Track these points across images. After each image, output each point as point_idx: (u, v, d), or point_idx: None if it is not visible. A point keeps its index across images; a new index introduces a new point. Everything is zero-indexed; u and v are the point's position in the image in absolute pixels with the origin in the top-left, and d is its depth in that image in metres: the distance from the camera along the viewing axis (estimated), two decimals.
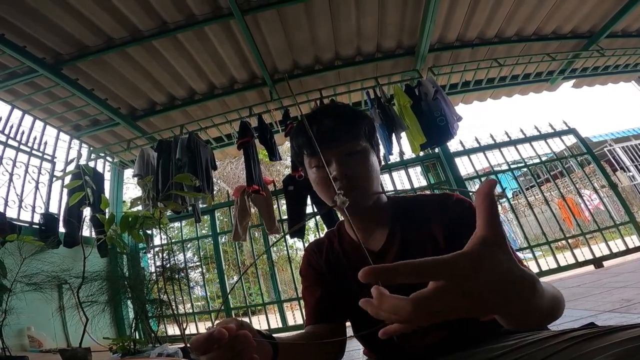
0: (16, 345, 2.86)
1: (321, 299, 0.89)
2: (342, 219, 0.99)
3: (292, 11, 3.45)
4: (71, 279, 2.91)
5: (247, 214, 4.23)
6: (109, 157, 4.79)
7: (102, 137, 4.66)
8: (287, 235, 4.28)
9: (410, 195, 0.97)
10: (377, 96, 4.05)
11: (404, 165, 4.72)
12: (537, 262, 4.25)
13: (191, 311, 4.52)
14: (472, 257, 0.37)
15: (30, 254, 2.68)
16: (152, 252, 4.23)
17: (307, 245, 1.02)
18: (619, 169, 9.03)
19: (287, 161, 13.45)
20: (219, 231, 4.84)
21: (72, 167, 3.86)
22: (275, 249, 8.63)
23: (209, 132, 4.67)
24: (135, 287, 3.08)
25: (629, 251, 4.12)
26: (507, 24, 4.21)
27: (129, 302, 3.75)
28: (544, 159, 4.84)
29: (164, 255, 3.34)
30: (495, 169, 4.75)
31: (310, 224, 4.57)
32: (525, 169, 5.03)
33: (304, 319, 0.94)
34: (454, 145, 4.62)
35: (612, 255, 4.13)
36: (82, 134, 4.42)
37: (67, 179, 3.37)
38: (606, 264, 4.07)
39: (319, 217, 4.42)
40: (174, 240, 5.03)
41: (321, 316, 0.88)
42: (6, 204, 3.46)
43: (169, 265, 3.26)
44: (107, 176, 4.80)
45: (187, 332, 3.97)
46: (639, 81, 5.90)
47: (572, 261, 4.14)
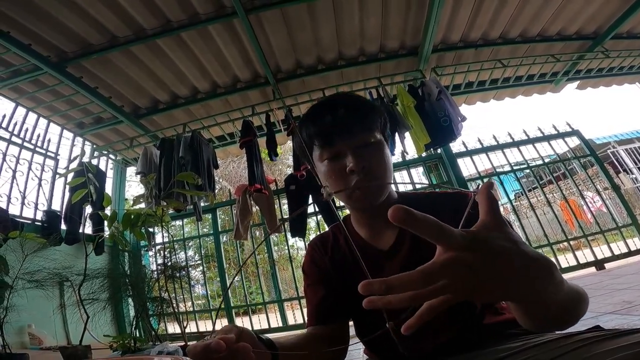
0: (17, 342, 2.87)
1: (324, 298, 0.85)
2: (347, 215, 0.94)
3: (296, 11, 3.45)
4: (72, 277, 2.92)
5: (249, 212, 4.24)
6: (111, 155, 4.80)
7: (105, 135, 4.67)
8: (289, 234, 4.27)
9: (422, 192, 0.93)
10: (380, 96, 4.05)
11: (406, 165, 4.71)
12: None
13: (192, 309, 4.53)
14: (477, 235, 0.39)
15: (32, 251, 2.69)
16: (153, 250, 4.24)
17: (311, 240, 0.97)
18: (622, 171, 9.00)
19: (289, 160, 13.51)
20: (220, 230, 4.85)
21: (75, 164, 3.87)
22: (276, 247, 8.64)
23: (211, 131, 4.67)
24: (136, 285, 3.08)
25: (631, 253, 4.10)
26: (512, 25, 4.20)
27: (130, 299, 3.76)
28: (547, 160, 4.82)
29: (166, 253, 3.34)
30: (497, 170, 4.73)
31: (311, 223, 4.55)
32: (527, 171, 5.02)
33: (305, 318, 0.92)
34: (456, 145, 4.61)
35: (614, 257, 4.11)
36: (85, 132, 4.43)
37: (70, 177, 3.37)
38: (608, 266, 4.05)
39: (320, 216, 4.42)
40: (175, 238, 5.04)
41: (323, 317, 0.85)
42: (9, 201, 3.47)
43: (170, 263, 3.26)
44: (110, 174, 4.82)
45: (188, 330, 3.97)
46: None
47: (573, 263, 4.12)
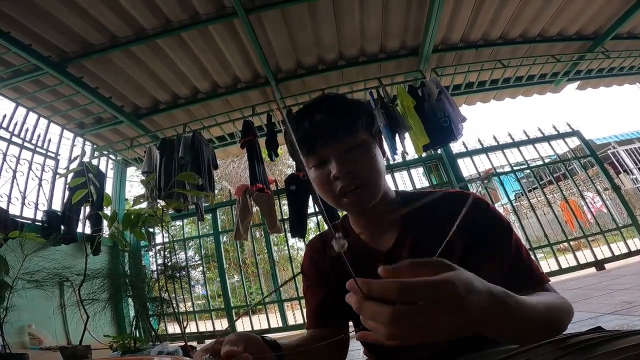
0: (17, 342, 2.87)
1: (323, 300, 0.84)
2: (346, 215, 0.92)
3: (296, 11, 3.45)
4: (72, 277, 2.92)
5: (249, 213, 4.23)
6: (112, 155, 4.80)
7: (106, 135, 4.67)
8: (289, 234, 4.26)
9: (421, 191, 0.92)
10: (381, 96, 4.05)
11: (406, 166, 4.71)
12: (539, 264, 4.23)
13: (192, 310, 4.53)
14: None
15: (32, 251, 2.69)
16: (153, 250, 4.23)
17: (310, 240, 0.96)
18: (622, 171, 9.00)
19: (289, 161, 13.51)
20: (220, 230, 4.84)
21: (75, 164, 3.87)
22: (276, 248, 8.64)
23: (211, 131, 4.67)
24: (136, 285, 3.09)
25: (631, 254, 4.09)
26: (512, 25, 4.20)
27: (130, 300, 3.76)
28: (547, 160, 4.82)
29: (166, 253, 3.34)
30: (498, 170, 4.73)
31: (311, 224, 4.55)
32: (528, 171, 5.01)
33: (305, 319, 0.91)
34: (456, 146, 4.61)
35: (614, 257, 4.11)
36: (85, 132, 4.43)
37: (70, 177, 3.37)
38: (608, 266, 4.04)
39: (320, 217, 4.42)
40: (175, 238, 5.04)
41: (323, 319, 0.84)
42: (9, 201, 3.48)
43: (170, 263, 3.26)
44: (110, 174, 4.82)
45: (188, 330, 3.97)
46: None
47: (573, 263, 4.11)
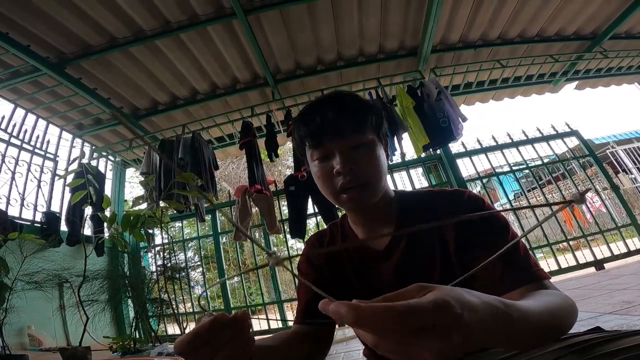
0: (16, 343, 2.86)
1: (314, 298, 0.83)
2: (344, 214, 0.93)
3: (295, 11, 3.45)
4: (72, 278, 2.92)
5: (248, 213, 4.23)
6: (111, 156, 4.80)
7: (105, 136, 4.67)
8: (288, 235, 4.27)
9: (418, 190, 0.93)
10: (379, 97, 4.05)
11: (406, 166, 4.72)
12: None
13: (191, 311, 4.52)
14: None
15: (31, 252, 2.69)
16: (153, 251, 4.23)
17: (308, 238, 0.96)
18: (621, 171, 9.01)
19: (289, 161, 13.52)
20: (220, 231, 4.84)
21: (74, 165, 3.87)
22: (276, 248, 8.63)
23: (210, 132, 4.67)
24: (136, 286, 3.09)
25: (630, 253, 4.10)
26: (510, 25, 4.20)
27: (130, 301, 3.76)
28: (546, 160, 4.83)
29: (165, 254, 3.34)
30: (497, 170, 4.74)
31: (310, 224, 4.55)
32: (527, 171, 5.02)
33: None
34: (455, 146, 4.62)
35: (614, 257, 4.12)
36: (84, 133, 4.43)
37: (70, 178, 3.37)
38: (607, 266, 4.05)
39: (319, 217, 4.42)
40: (175, 239, 5.04)
41: (311, 316, 0.83)
42: (8, 202, 3.47)
43: (169, 264, 3.26)
44: (109, 175, 4.81)
45: (187, 331, 3.97)
46: None
47: (573, 263, 4.12)
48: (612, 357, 0.42)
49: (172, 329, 4.53)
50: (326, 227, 0.98)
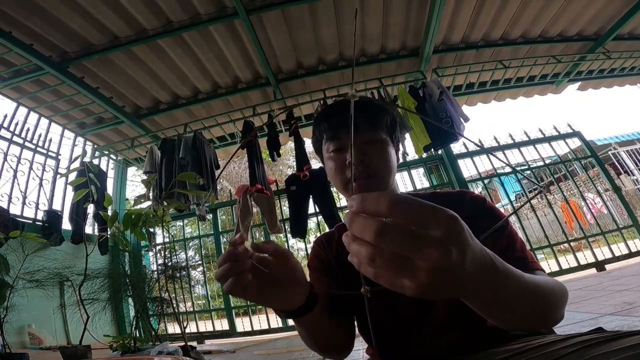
0: (17, 342, 2.87)
1: (328, 288, 0.84)
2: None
3: (297, 11, 3.46)
4: (73, 276, 2.92)
5: (249, 213, 4.23)
6: (112, 155, 4.81)
7: (107, 135, 4.68)
8: (289, 234, 4.26)
9: (423, 191, 0.94)
10: (381, 97, 4.05)
11: (407, 166, 4.71)
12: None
13: (192, 310, 4.53)
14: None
15: (32, 251, 2.69)
16: (154, 250, 4.24)
17: (316, 238, 0.98)
18: (623, 172, 8.99)
19: (290, 161, 13.52)
20: (220, 230, 4.85)
21: (76, 164, 3.88)
22: None
23: (212, 132, 4.68)
24: (136, 285, 3.09)
25: (631, 255, 4.09)
26: (513, 26, 4.20)
27: (130, 300, 3.76)
28: (548, 161, 4.82)
29: (166, 253, 3.34)
30: (498, 171, 4.73)
31: (311, 224, 4.55)
32: (528, 172, 5.01)
33: None
34: (457, 146, 4.61)
35: (615, 258, 4.11)
36: (86, 132, 4.44)
37: (72, 177, 3.38)
38: (608, 267, 4.04)
39: (320, 217, 4.41)
40: (176, 238, 5.04)
41: (329, 306, 0.81)
42: (10, 201, 3.48)
43: (170, 263, 3.26)
44: (111, 174, 4.82)
45: (188, 330, 3.97)
46: None
47: (574, 264, 4.11)
48: (613, 356, 0.42)
49: (173, 328, 4.54)
50: (333, 228, 1.00)
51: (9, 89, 3.53)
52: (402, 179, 4.77)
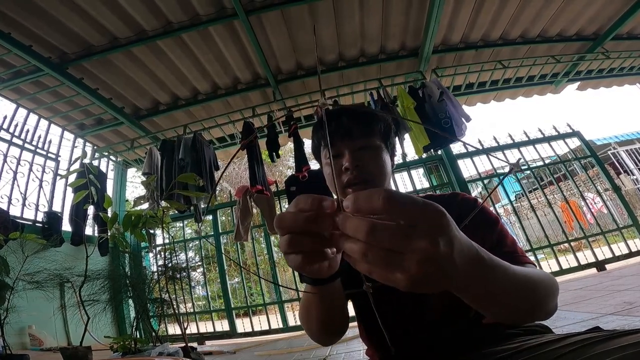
0: (17, 343, 2.87)
1: None
2: None
3: (296, 12, 3.46)
4: (73, 278, 2.92)
5: (249, 214, 4.24)
6: (112, 157, 4.81)
7: (106, 137, 4.68)
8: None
9: (421, 195, 0.95)
10: (381, 97, 4.05)
11: (407, 167, 4.71)
12: (540, 264, 4.24)
13: (192, 311, 4.53)
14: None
15: (32, 252, 2.69)
16: (154, 251, 4.24)
17: None
18: (622, 172, 8.99)
19: (290, 162, 13.51)
20: (220, 231, 4.85)
21: (76, 166, 3.88)
22: (276, 249, 8.63)
23: (212, 132, 4.68)
24: (136, 286, 3.08)
25: (631, 254, 4.09)
26: (512, 26, 4.20)
27: (131, 301, 3.76)
28: (548, 161, 4.82)
29: (166, 254, 3.34)
30: (498, 171, 4.73)
31: None
32: (528, 172, 5.00)
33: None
34: (456, 147, 4.61)
35: (615, 258, 4.11)
36: (86, 133, 4.44)
37: (71, 178, 3.38)
38: (609, 267, 4.04)
39: None
40: (176, 239, 5.04)
41: None
42: (10, 202, 3.48)
43: (170, 264, 3.26)
44: (110, 175, 4.83)
45: (188, 331, 3.97)
46: None
47: (574, 264, 4.11)
48: (610, 355, 0.42)
49: (173, 329, 4.54)
50: None
51: (9, 90, 3.53)
52: (402, 179, 4.78)
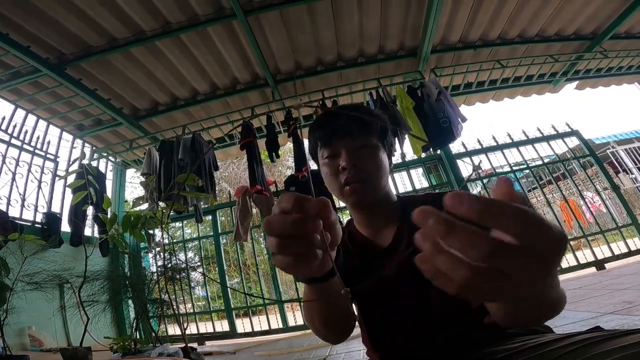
0: (17, 344, 2.87)
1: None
2: (350, 217, 0.98)
3: (295, 12, 3.46)
4: (72, 278, 2.92)
5: (249, 214, 4.23)
6: (111, 157, 4.81)
7: (105, 137, 4.67)
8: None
9: (420, 194, 0.96)
10: (380, 97, 4.05)
11: (406, 166, 4.72)
12: None
13: (192, 311, 4.52)
14: None
15: (32, 253, 2.69)
16: (153, 251, 4.24)
17: None
18: (621, 171, 9.00)
19: (289, 162, 13.50)
20: (220, 231, 4.84)
21: (75, 166, 3.87)
22: None
23: (211, 133, 4.67)
24: (136, 286, 3.08)
25: (631, 253, 4.10)
26: (510, 25, 4.21)
27: (130, 301, 3.76)
28: (547, 160, 4.82)
29: (166, 255, 3.34)
30: (497, 170, 4.74)
31: None
32: (527, 171, 5.01)
33: (305, 320, 0.90)
34: (455, 146, 4.62)
35: (614, 257, 4.12)
36: (85, 134, 4.43)
37: (70, 179, 3.37)
38: (608, 266, 4.05)
39: None
40: (175, 240, 5.04)
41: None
42: (9, 203, 3.48)
43: (170, 265, 3.26)
44: (109, 176, 4.82)
45: (188, 332, 3.97)
46: None
47: (573, 263, 4.12)
48: (611, 355, 0.42)
49: (173, 330, 4.54)
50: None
51: (7, 91, 3.52)
52: (402, 179, 4.78)
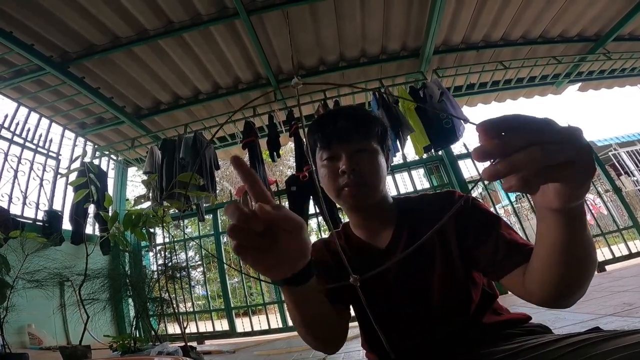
0: (16, 342, 2.87)
1: (327, 280, 0.82)
2: (347, 220, 0.99)
3: (298, 12, 3.46)
4: (73, 277, 2.92)
5: None
6: (113, 156, 4.82)
7: (107, 136, 4.68)
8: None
9: (415, 195, 0.96)
10: (383, 97, 4.04)
11: (407, 167, 4.71)
12: None
13: (192, 310, 4.53)
14: None
15: (32, 251, 2.70)
16: (154, 250, 4.24)
17: (313, 242, 0.98)
18: (623, 173, 8.98)
19: (290, 162, 13.50)
20: (221, 230, 4.85)
21: (76, 164, 3.88)
22: None
23: (212, 132, 4.67)
24: (136, 285, 3.09)
25: (631, 255, 4.09)
26: (513, 27, 4.20)
27: (130, 300, 3.76)
28: None
29: (166, 253, 3.34)
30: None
31: (312, 225, 4.55)
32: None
33: None
34: (457, 147, 4.60)
35: (615, 259, 4.10)
36: (87, 132, 4.44)
37: (72, 177, 3.38)
38: (609, 268, 4.03)
39: (320, 218, 4.41)
40: (176, 239, 5.04)
41: (328, 294, 0.81)
42: (10, 201, 3.49)
43: (170, 264, 3.26)
44: (111, 174, 4.83)
45: (188, 331, 3.97)
46: None
47: None
48: (610, 355, 0.42)
49: (173, 329, 4.54)
50: (328, 235, 1.03)
51: (10, 89, 3.53)
52: (403, 180, 4.78)
